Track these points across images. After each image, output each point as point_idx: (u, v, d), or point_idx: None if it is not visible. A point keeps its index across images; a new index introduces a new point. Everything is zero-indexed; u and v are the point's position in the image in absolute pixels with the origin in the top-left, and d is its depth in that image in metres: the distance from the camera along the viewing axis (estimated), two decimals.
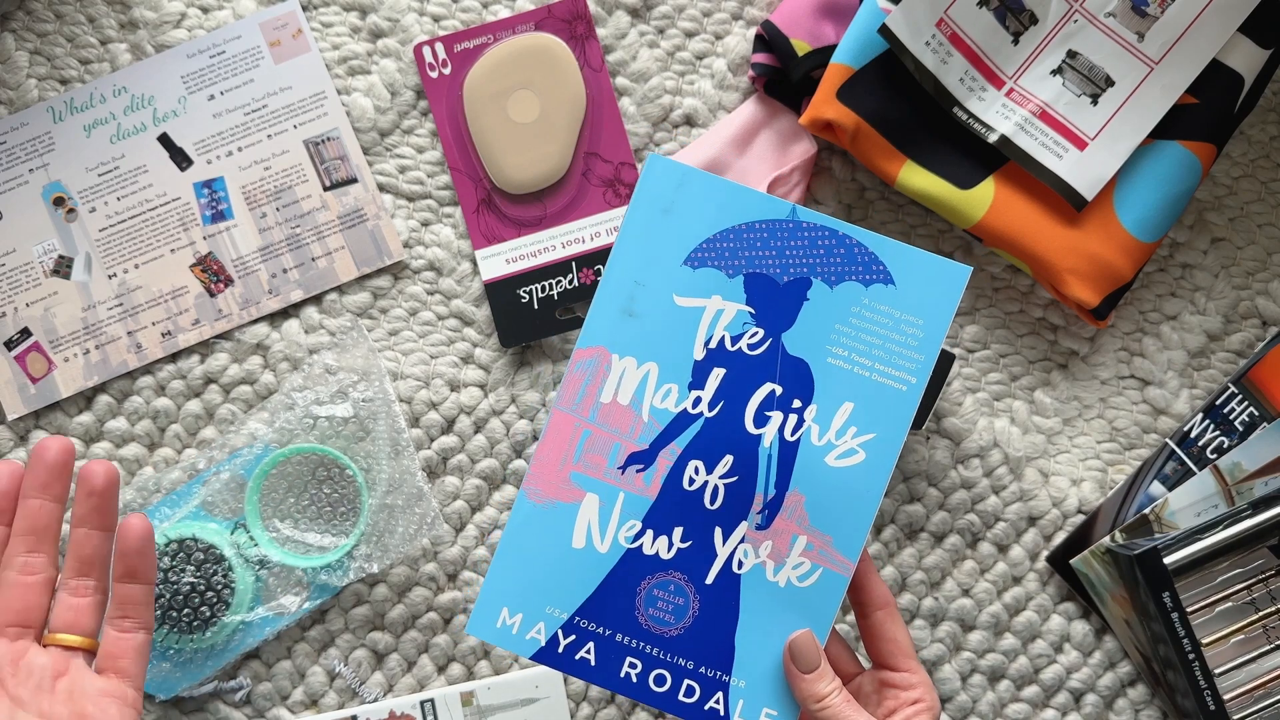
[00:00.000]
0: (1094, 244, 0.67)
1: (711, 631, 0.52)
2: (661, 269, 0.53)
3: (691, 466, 0.52)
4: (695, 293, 0.53)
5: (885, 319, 0.52)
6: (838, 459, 0.52)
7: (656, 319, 0.53)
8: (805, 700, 0.51)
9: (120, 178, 0.70)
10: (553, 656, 0.52)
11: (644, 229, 0.53)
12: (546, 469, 0.52)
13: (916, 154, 0.68)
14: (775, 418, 0.52)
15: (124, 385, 0.70)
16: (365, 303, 0.71)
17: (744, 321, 0.53)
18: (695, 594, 0.52)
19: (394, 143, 0.72)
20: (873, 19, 0.67)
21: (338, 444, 0.69)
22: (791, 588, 0.52)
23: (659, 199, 0.53)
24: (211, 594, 0.66)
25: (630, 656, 0.52)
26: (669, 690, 0.52)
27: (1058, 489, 0.71)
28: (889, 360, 0.52)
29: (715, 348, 0.53)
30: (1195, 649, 0.65)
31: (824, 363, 0.52)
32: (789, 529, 0.52)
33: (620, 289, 0.53)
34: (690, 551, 0.52)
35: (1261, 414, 0.69)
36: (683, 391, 0.52)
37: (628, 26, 0.72)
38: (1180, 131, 0.67)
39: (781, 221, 0.53)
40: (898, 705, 0.52)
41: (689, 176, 0.53)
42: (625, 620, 0.52)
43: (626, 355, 0.53)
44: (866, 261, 0.53)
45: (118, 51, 0.71)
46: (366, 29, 0.72)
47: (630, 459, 0.52)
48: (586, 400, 0.53)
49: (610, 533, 0.52)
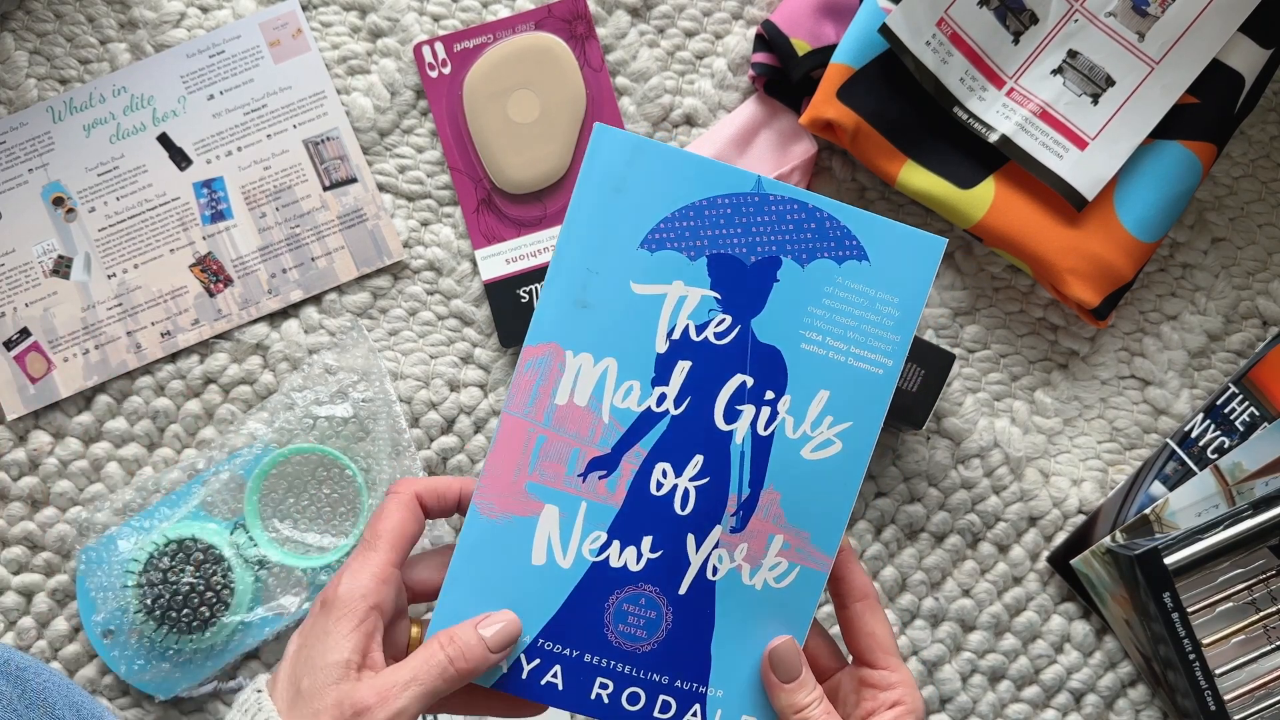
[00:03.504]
0: (1094, 244, 0.67)
1: (686, 643, 0.48)
2: (616, 254, 0.48)
3: (659, 470, 0.48)
4: (654, 279, 0.48)
5: (860, 298, 0.48)
6: (814, 451, 0.48)
7: (613, 310, 0.48)
8: (785, 711, 0.48)
9: (120, 177, 0.70)
10: (516, 683, 0.48)
11: (595, 210, 0.48)
12: (499, 480, 0.48)
13: (917, 154, 0.68)
14: (747, 412, 0.48)
15: (123, 385, 0.70)
16: (365, 303, 0.71)
17: (709, 308, 0.48)
18: (668, 606, 0.48)
19: (394, 142, 0.71)
20: (873, 19, 0.67)
21: (337, 444, 0.69)
22: (769, 590, 0.48)
23: (610, 175, 0.48)
24: (211, 594, 0.66)
25: (601, 676, 0.48)
26: (643, 708, 0.48)
27: (1058, 489, 0.71)
28: (864, 343, 0.48)
29: (679, 339, 0.48)
30: (1196, 649, 0.65)
31: (797, 349, 0.48)
32: (765, 529, 0.48)
33: (571, 278, 0.48)
34: (661, 561, 0.48)
35: (1262, 414, 0.69)
36: (645, 388, 0.48)
37: (628, 26, 0.72)
38: (1181, 131, 0.67)
39: (746, 195, 0.48)
40: (875, 707, 0.48)
41: (642, 148, 0.48)
42: (593, 639, 0.48)
43: (582, 351, 0.48)
44: (839, 236, 0.48)
45: (117, 51, 0.71)
46: (366, 29, 0.72)
47: (591, 465, 0.48)
48: (540, 403, 0.48)
49: (573, 546, 0.48)
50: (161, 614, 0.66)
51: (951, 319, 0.72)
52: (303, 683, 0.44)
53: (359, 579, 0.46)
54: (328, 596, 0.46)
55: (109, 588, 0.67)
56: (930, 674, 0.70)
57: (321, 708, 0.43)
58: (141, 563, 0.66)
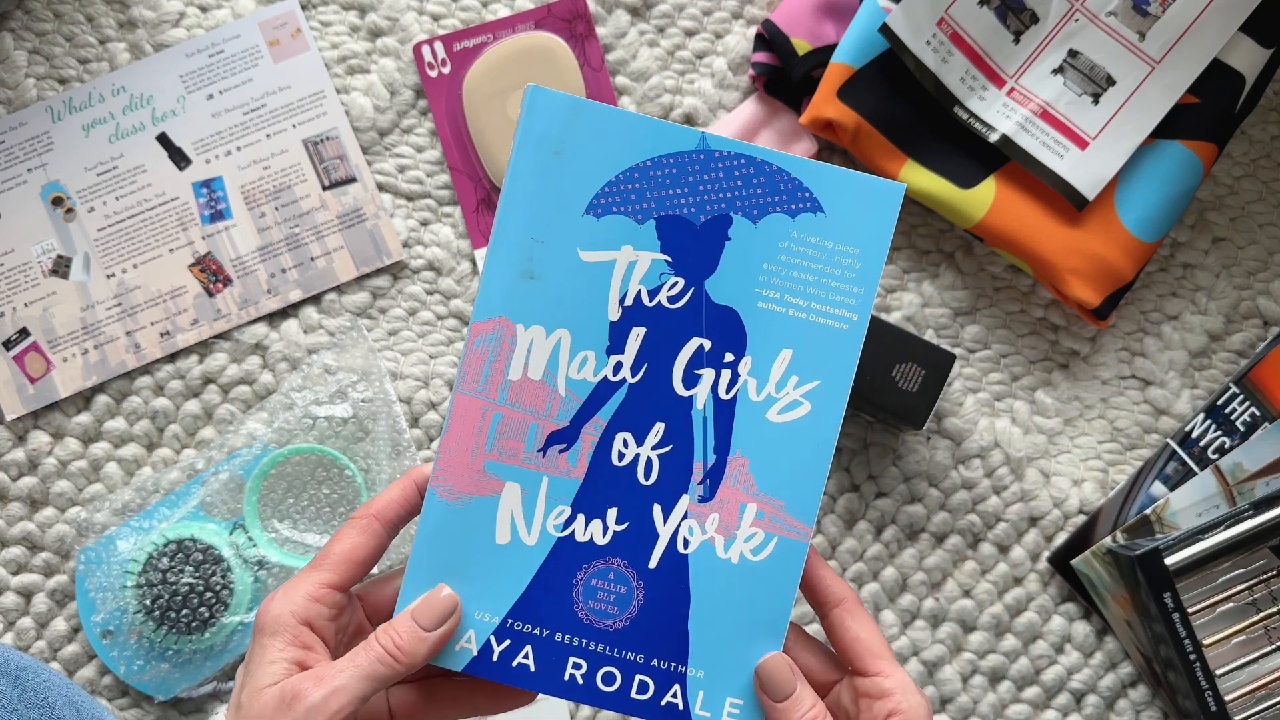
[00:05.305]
0: (1095, 244, 0.67)
1: (660, 620, 0.47)
2: (561, 221, 0.47)
3: (619, 440, 0.47)
4: (602, 245, 0.47)
5: (817, 252, 0.47)
6: (780, 413, 0.47)
7: (561, 279, 0.47)
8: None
9: (119, 177, 0.70)
10: (487, 666, 0.47)
11: (535, 176, 0.46)
12: (456, 461, 0.47)
13: (917, 153, 0.68)
14: (707, 375, 0.47)
15: (122, 385, 0.70)
16: (364, 302, 0.71)
17: (660, 272, 0.47)
18: (638, 580, 0.47)
19: (393, 142, 0.71)
20: (873, 18, 0.67)
21: (337, 444, 0.69)
22: (746, 563, 0.47)
23: (548, 138, 0.46)
24: (210, 595, 0.66)
25: (573, 656, 0.47)
26: (619, 689, 0.47)
27: (1059, 489, 0.71)
28: (826, 298, 0.47)
29: (631, 305, 0.47)
30: (1196, 650, 0.65)
31: (755, 308, 0.47)
32: (735, 497, 0.47)
33: (515, 249, 0.46)
34: (628, 534, 0.47)
35: (1263, 414, 0.69)
36: (601, 358, 0.47)
37: (628, 25, 0.72)
38: (1181, 131, 0.66)
39: (691, 153, 0.47)
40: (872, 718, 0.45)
41: (580, 109, 0.46)
42: (563, 617, 0.47)
43: (533, 324, 0.47)
44: (790, 189, 0.47)
45: (116, 51, 0.71)
46: (365, 28, 0.72)
47: (550, 439, 0.47)
48: (493, 379, 0.47)
49: (537, 523, 0.47)
50: (161, 614, 0.66)
51: (952, 319, 0.72)
52: (242, 698, 0.44)
53: (290, 596, 0.45)
54: (260, 618, 0.45)
55: (108, 588, 0.67)
56: (931, 674, 0.70)
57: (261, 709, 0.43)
58: (141, 563, 0.66)
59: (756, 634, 0.47)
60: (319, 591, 0.45)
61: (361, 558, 0.47)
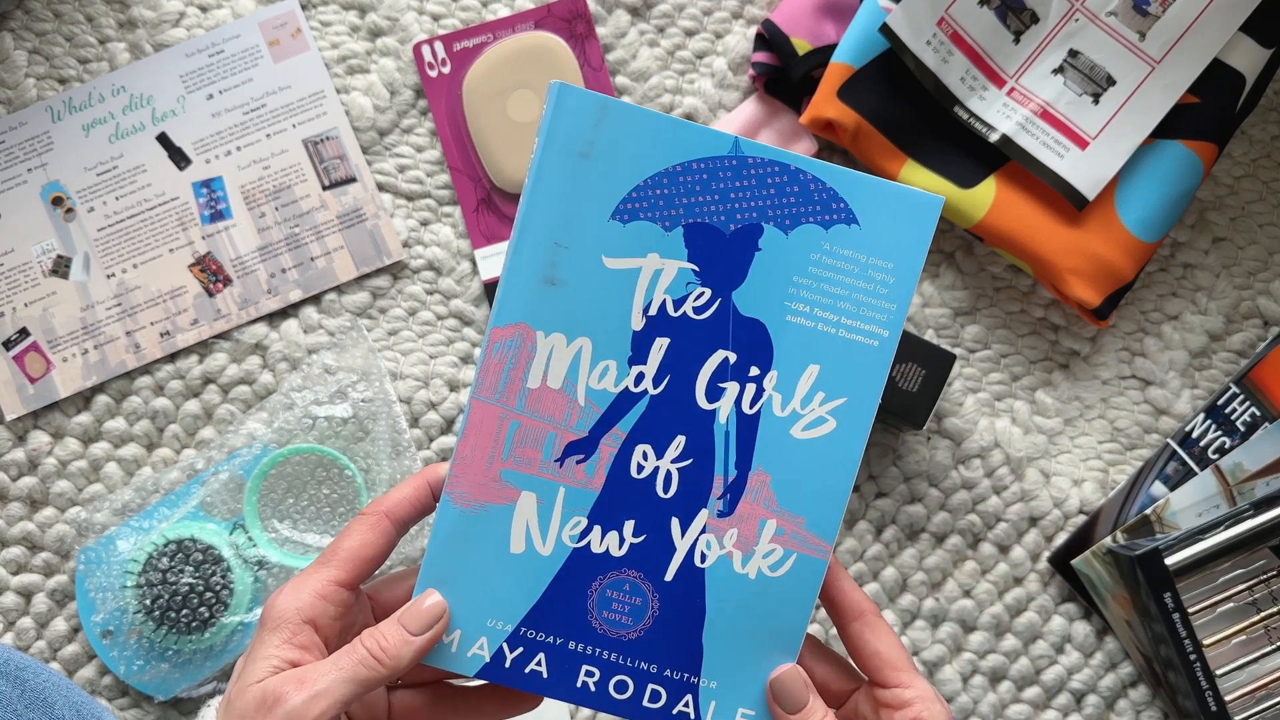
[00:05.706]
0: (1095, 244, 0.67)
1: (675, 631, 0.47)
2: (586, 226, 0.45)
3: (639, 452, 0.46)
4: (628, 252, 0.45)
5: (850, 265, 0.45)
6: (805, 430, 0.46)
7: (584, 286, 0.45)
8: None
9: (119, 177, 0.70)
10: (499, 672, 0.46)
11: (560, 178, 0.45)
12: (472, 469, 0.46)
13: (917, 153, 0.68)
14: (731, 389, 0.46)
15: (122, 385, 0.70)
16: (364, 302, 0.71)
17: (687, 281, 0.46)
18: (654, 592, 0.46)
19: (393, 142, 0.71)
20: (873, 18, 0.67)
21: (337, 444, 0.69)
22: (763, 579, 0.46)
23: (575, 139, 0.45)
24: (210, 595, 0.66)
25: (586, 664, 0.47)
26: (631, 697, 0.47)
27: (1059, 489, 0.71)
28: (857, 313, 0.46)
29: (656, 315, 0.46)
30: (1197, 650, 0.65)
31: (783, 321, 0.46)
32: (755, 513, 0.46)
33: (538, 254, 0.45)
34: (645, 546, 0.46)
35: (1263, 414, 0.69)
36: (622, 368, 0.46)
37: (628, 25, 0.72)
38: (1182, 131, 0.66)
39: (723, 159, 0.45)
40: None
41: (609, 109, 0.45)
42: (577, 626, 0.46)
43: (554, 332, 0.46)
44: (825, 199, 0.45)
45: (116, 51, 0.71)
46: (365, 28, 0.72)
47: (568, 449, 0.46)
48: (511, 387, 0.46)
49: (552, 532, 0.46)
50: (161, 614, 0.66)
51: (952, 319, 0.72)
52: (232, 691, 0.44)
53: (298, 593, 0.45)
54: (265, 611, 0.45)
55: (108, 588, 0.67)
56: (931, 675, 0.70)
57: (244, 707, 0.43)
58: (141, 563, 0.66)
59: (771, 647, 0.47)
60: (326, 589, 0.45)
61: (370, 555, 0.46)
